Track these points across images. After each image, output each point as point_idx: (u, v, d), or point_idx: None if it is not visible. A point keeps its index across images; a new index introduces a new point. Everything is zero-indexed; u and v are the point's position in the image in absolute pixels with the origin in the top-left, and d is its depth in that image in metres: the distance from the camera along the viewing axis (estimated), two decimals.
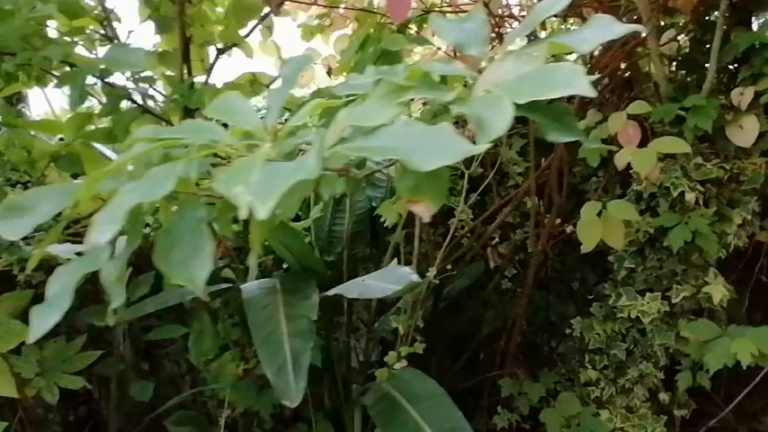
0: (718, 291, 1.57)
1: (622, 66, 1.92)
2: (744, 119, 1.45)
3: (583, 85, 0.45)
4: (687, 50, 1.88)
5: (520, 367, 2.50)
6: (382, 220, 1.65)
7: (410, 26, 1.41)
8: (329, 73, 1.62)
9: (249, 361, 1.37)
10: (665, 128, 1.58)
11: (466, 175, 1.57)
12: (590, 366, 1.86)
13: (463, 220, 2.01)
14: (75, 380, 1.79)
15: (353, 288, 1.12)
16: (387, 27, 1.31)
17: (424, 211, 0.47)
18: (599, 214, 1.42)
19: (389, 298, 1.65)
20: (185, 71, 1.24)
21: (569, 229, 1.83)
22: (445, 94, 0.52)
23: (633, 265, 1.76)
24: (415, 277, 1.09)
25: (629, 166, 1.45)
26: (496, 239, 1.73)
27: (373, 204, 1.82)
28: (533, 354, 2.44)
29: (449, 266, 1.51)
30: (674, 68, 1.95)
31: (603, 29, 0.49)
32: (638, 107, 1.33)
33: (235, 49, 1.59)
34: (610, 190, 2.06)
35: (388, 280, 1.10)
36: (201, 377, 1.80)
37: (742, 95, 1.45)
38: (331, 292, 1.15)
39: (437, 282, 1.50)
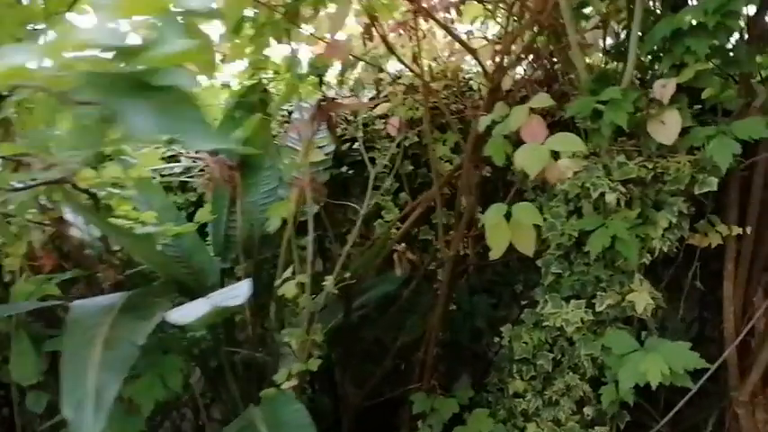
0: (643, 299, 1.46)
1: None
2: (666, 113, 1.33)
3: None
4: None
5: (460, 375, 2.39)
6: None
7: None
8: (223, 60, 1.48)
9: None
10: (586, 123, 1.47)
11: (372, 174, 1.44)
12: (518, 377, 1.75)
13: (389, 222, 1.89)
14: None
15: (178, 311, 0.98)
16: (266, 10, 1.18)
17: None
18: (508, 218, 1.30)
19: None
20: None
21: None
22: None
23: (560, 271, 1.65)
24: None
25: None
26: (403, 244, 1.61)
27: None
28: (474, 362, 2.33)
29: (347, 275, 1.38)
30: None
31: None
32: (541, 100, 1.21)
33: None
34: (548, 189, 1.95)
35: (225, 298, 0.98)
36: None
37: (664, 87, 1.33)
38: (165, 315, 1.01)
39: (336, 292, 1.37)
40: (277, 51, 1.57)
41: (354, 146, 1.90)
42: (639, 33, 1.43)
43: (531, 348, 1.71)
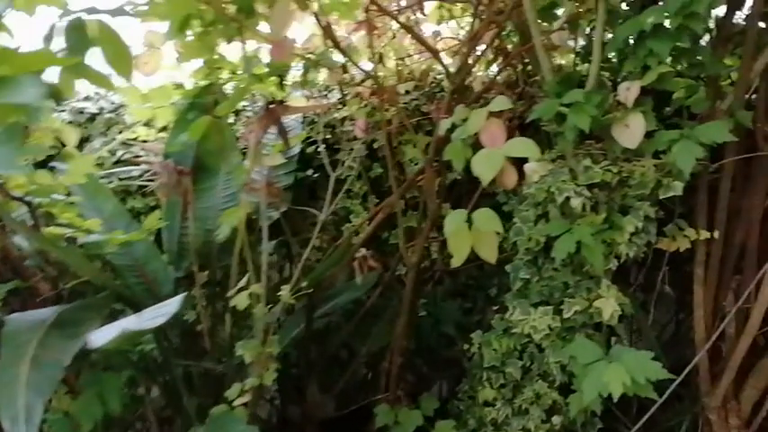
0: (609, 306, 1.43)
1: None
2: (630, 117, 1.30)
3: None
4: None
5: (436, 382, 2.35)
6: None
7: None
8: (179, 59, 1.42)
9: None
10: (552, 127, 1.44)
11: (332, 178, 1.39)
12: (487, 385, 1.71)
13: (354, 226, 1.84)
14: None
15: (95, 333, 0.93)
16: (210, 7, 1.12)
17: None
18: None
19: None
20: None
21: None
22: None
23: (528, 276, 1.61)
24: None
25: None
26: (363, 250, 1.56)
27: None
28: (451, 368, 2.29)
29: (305, 283, 1.33)
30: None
31: None
32: (500, 103, 1.17)
33: None
34: (519, 192, 1.91)
35: (153, 317, 0.93)
36: None
37: (628, 90, 1.30)
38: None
39: (294, 301, 1.32)
40: (237, 50, 1.51)
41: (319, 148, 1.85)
42: (609, 35, 1.41)
43: (500, 356, 1.67)
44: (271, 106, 1.23)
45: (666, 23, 1.26)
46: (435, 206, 1.50)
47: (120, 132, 1.79)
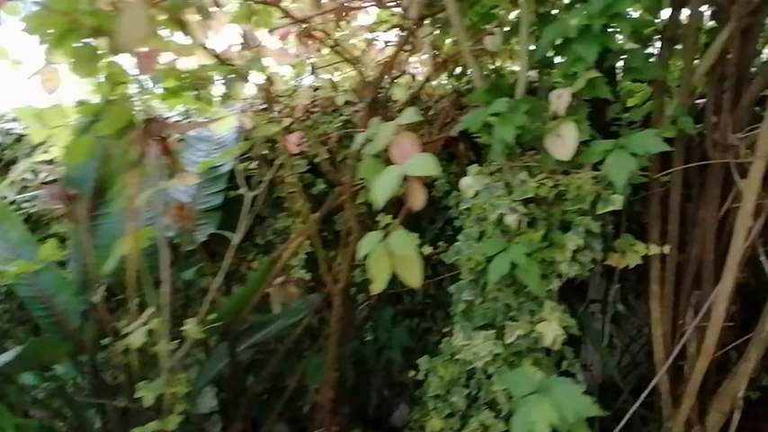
0: (552, 330, 1.32)
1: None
2: (562, 127, 1.20)
3: None
4: None
5: (398, 405, 2.23)
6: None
7: None
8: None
9: None
10: (484, 138, 1.34)
11: (248, 197, 1.28)
12: (435, 415, 1.60)
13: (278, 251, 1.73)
14: None
15: None
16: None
17: None
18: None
19: None
20: None
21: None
22: None
23: (472, 298, 1.51)
24: None
25: None
26: (282, 278, 1.45)
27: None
28: (411, 391, 2.18)
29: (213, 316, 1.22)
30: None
31: None
32: (410, 116, 1.07)
33: None
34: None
35: None
36: None
37: (560, 98, 1.20)
38: None
39: (203, 335, 1.21)
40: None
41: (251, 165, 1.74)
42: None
43: (445, 383, 1.56)
44: (149, 123, 1.13)
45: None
46: (357, 228, 1.40)
47: (44, 153, 1.69)
